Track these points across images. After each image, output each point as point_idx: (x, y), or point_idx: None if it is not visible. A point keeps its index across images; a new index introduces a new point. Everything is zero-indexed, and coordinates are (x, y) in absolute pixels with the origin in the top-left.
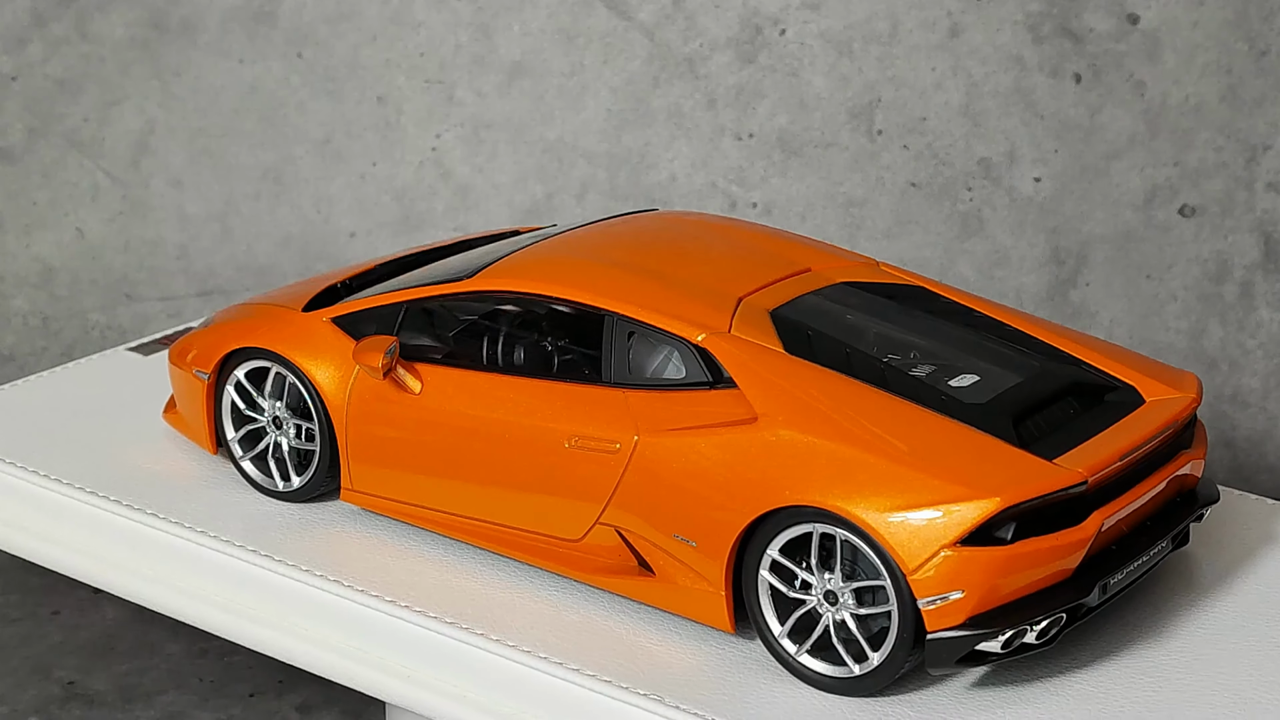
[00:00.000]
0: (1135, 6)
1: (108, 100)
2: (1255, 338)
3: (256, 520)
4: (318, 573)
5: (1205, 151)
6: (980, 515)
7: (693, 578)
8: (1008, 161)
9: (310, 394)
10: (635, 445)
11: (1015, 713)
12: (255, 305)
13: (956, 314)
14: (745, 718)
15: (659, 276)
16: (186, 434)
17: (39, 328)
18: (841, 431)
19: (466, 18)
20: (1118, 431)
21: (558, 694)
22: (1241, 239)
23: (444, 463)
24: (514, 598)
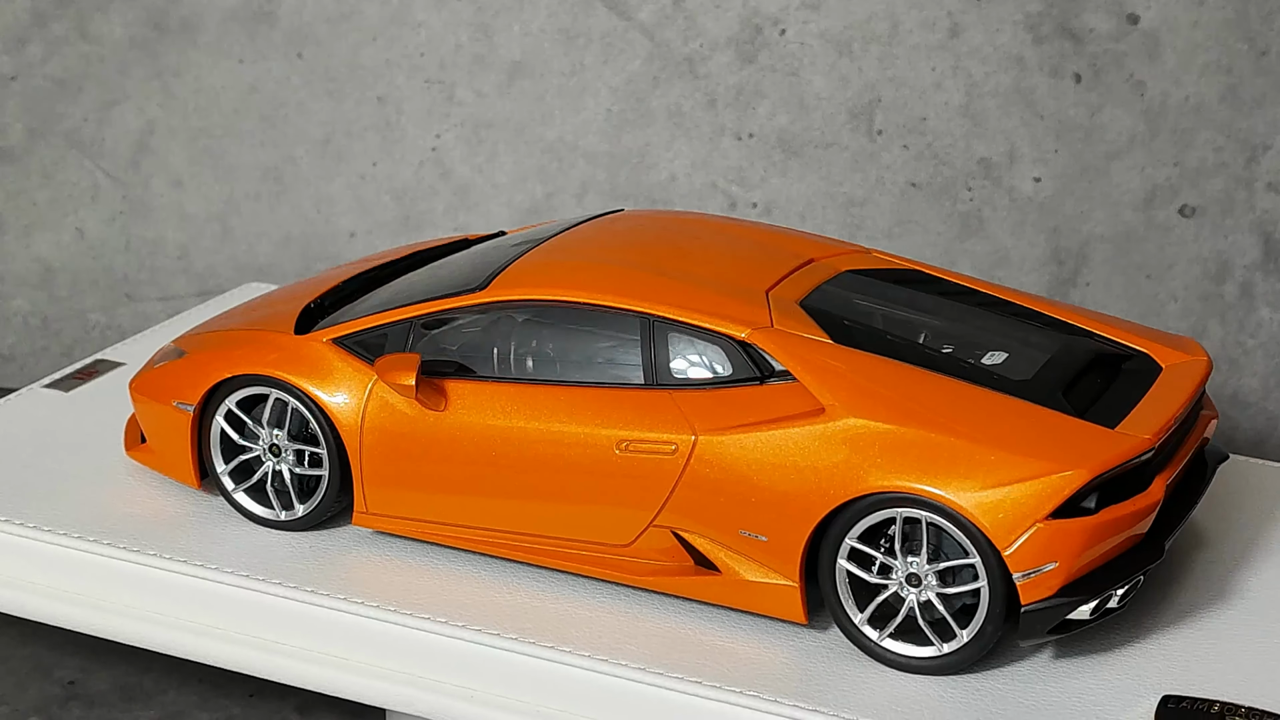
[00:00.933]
0: (1135, 6)
1: (108, 100)
2: (1255, 338)
3: (267, 552)
4: (360, 600)
5: (1205, 151)
6: (1070, 487)
7: (762, 572)
8: (1008, 161)
9: (317, 418)
10: (694, 445)
11: (1093, 674)
12: (232, 332)
13: (963, 295)
14: (845, 705)
15: (685, 276)
16: (161, 469)
17: (39, 328)
18: (912, 416)
19: (466, 18)
20: (1158, 397)
21: (650, 701)
22: (1241, 239)
23: (479, 478)
24: (569, 608)
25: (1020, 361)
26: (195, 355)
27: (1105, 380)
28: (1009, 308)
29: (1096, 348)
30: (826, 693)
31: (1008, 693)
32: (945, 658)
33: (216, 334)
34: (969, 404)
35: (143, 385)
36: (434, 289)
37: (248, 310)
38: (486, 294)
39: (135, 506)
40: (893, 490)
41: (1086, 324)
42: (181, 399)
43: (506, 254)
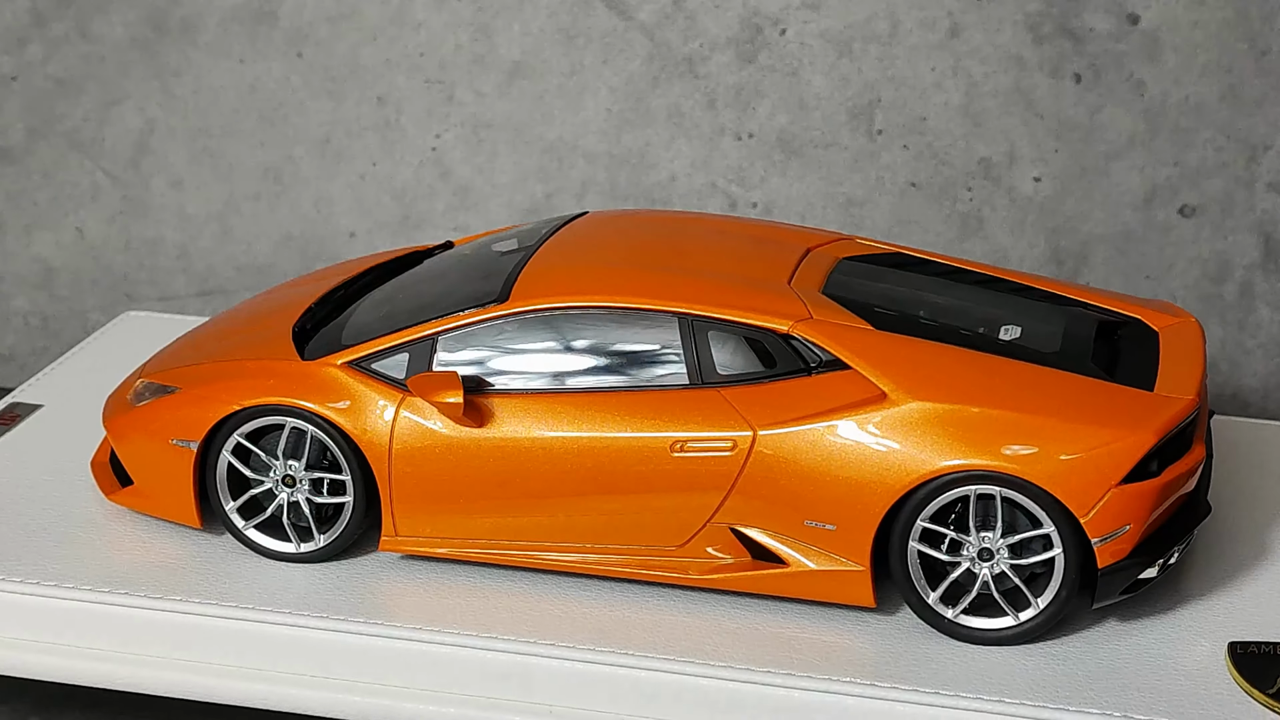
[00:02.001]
0: (1135, 6)
1: (108, 100)
2: (1255, 338)
3: (289, 585)
4: (418, 626)
5: (1205, 151)
6: (1140, 452)
7: (830, 560)
8: (1008, 161)
9: (340, 444)
10: (754, 441)
11: (1158, 629)
12: (230, 363)
13: (956, 274)
14: (938, 682)
15: (710, 274)
16: (155, 511)
17: (39, 328)
18: (972, 394)
19: (466, 18)
20: (1173, 359)
21: (748, 698)
22: (1241, 239)
23: (527, 492)
24: (629, 613)
25: (1038, 335)
26: (191, 390)
27: (1117, 347)
28: (1003, 284)
29: (1096, 317)
30: (917, 672)
31: (1083, 654)
32: (1022, 627)
33: (209, 366)
34: (1020, 379)
35: (127, 425)
36: (446, 303)
37: (217, 338)
38: (511, 304)
39: (133, 553)
40: (965, 469)
41: (1075, 295)
42: (181, 436)
43: (503, 262)
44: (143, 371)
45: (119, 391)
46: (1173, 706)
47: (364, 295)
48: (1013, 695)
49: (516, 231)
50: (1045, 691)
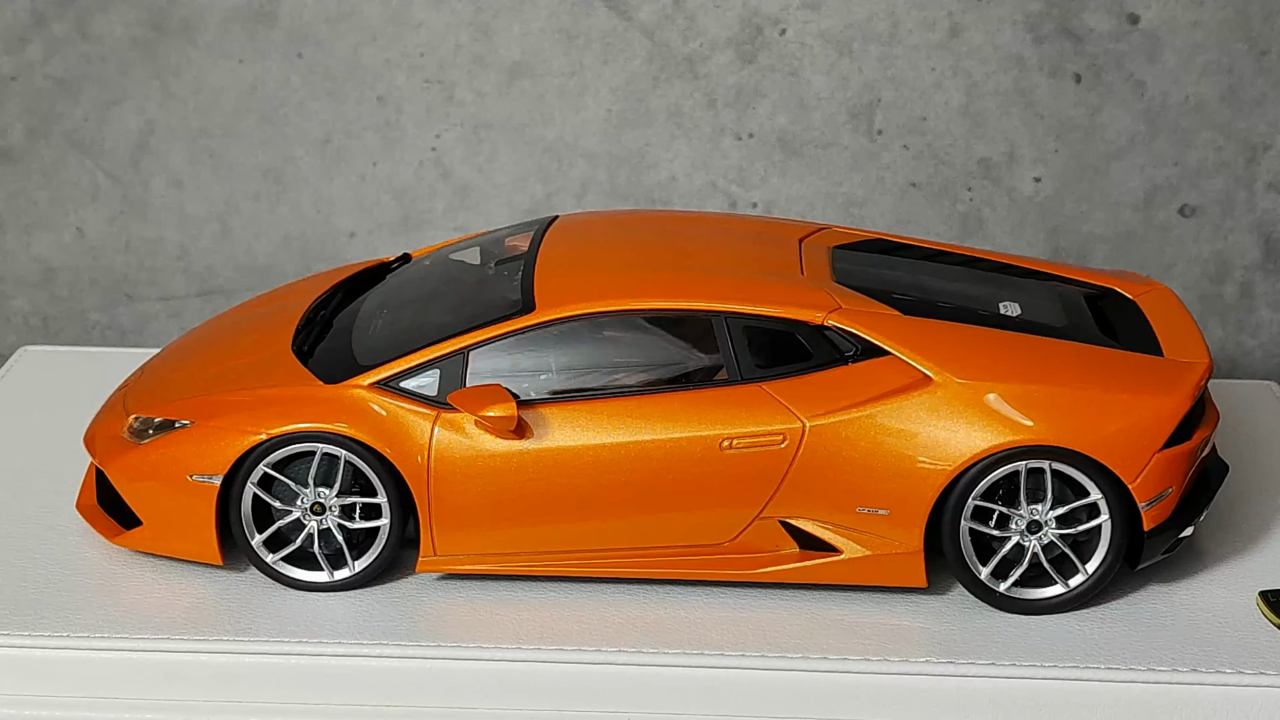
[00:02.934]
0: (1135, 6)
1: (108, 100)
2: (1255, 338)
3: (325, 615)
4: (478, 645)
5: (1205, 151)
6: (1177, 416)
7: (883, 544)
8: (1008, 161)
9: (375, 467)
10: (804, 433)
11: (1193, 584)
12: (246, 393)
13: (940, 257)
14: (1002, 654)
15: (729, 270)
16: (169, 551)
17: (39, 328)
18: (1012, 372)
19: (466, 18)
20: (1165, 324)
21: (836, 687)
22: (1241, 239)
23: (575, 500)
24: (688, 613)
25: (1039, 310)
26: (207, 423)
27: (1109, 317)
28: (984, 264)
29: (1080, 290)
30: (981, 645)
31: (1129, 614)
32: (1072, 593)
33: (221, 397)
34: (1049, 353)
35: (135, 464)
36: (464, 317)
37: (205, 367)
38: (541, 313)
39: (153, 596)
40: (1018, 445)
41: (1050, 270)
42: (201, 471)
43: (503, 272)
44: (133, 407)
45: (104, 430)
46: (1231, 656)
47: (348, 313)
48: (1073, 660)
49: (479, 241)
50: (1105, 653)
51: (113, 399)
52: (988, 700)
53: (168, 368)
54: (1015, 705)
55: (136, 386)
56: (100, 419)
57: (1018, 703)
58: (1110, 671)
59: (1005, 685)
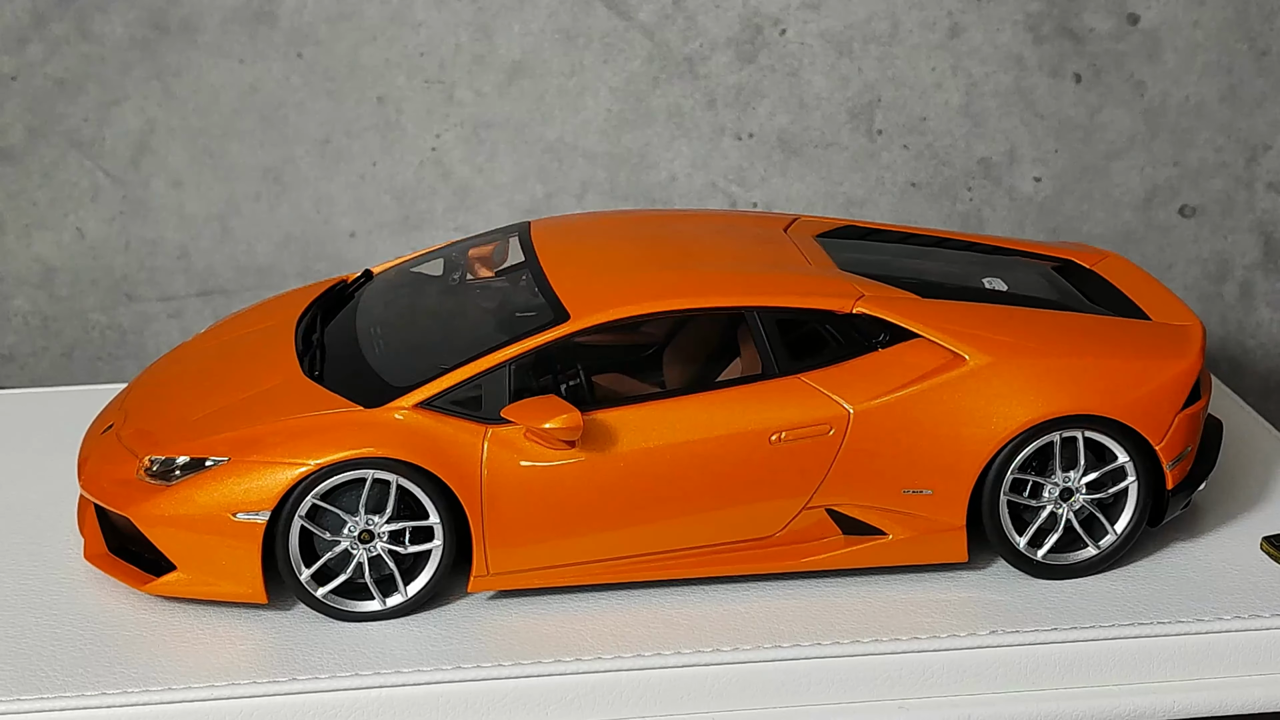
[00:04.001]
0: (1135, 6)
1: (108, 100)
2: (1255, 338)
3: (383, 644)
4: (558, 659)
5: (1205, 151)
6: (1192, 378)
7: (928, 523)
8: (1008, 161)
9: (428, 489)
10: (850, 420)
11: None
12: (280, 423)
13: (911, 239)
14: (1056, 619)
15: (746, 266)
16: (208, 594)
17: (39, 328)
18: (1039, 346)
19: (466, 18)
20: (1136, 289)
21: (912, 667)
22: (1241, 239)
23: (630, 505)
24: (748, 608)
25: (1024, 285)
26: (246, 458)
27: (1083, 287)
28: (953, 243)
29: (1046, 264)
30: (1030, 613)
31: (1153, 570)
32: (1103, 554)
33: (253, 430)
34: (1064, 326)
35: (166, 508)
36: (494, 330)
37: (207, 399)
38: (577, 321)
39: (202, 642)
40: (1053, 416)
41: (1009, 245)
42: (246, 508)
43: (511, 283)
44: (142, 448)
45: (108, 474)
46: (1258, 602)
47: (340, 334)
48: (1113, 619)
49: (443, 253)
50: (1141, 610)
51: (101, 442)
52: (1052, 664)
53: (162, 404)
54: (1076, 667)
55: (134, 426)
56: (96, 464)
57: (1077, 664)
58: (1151, 626)
59: (1068, 649)
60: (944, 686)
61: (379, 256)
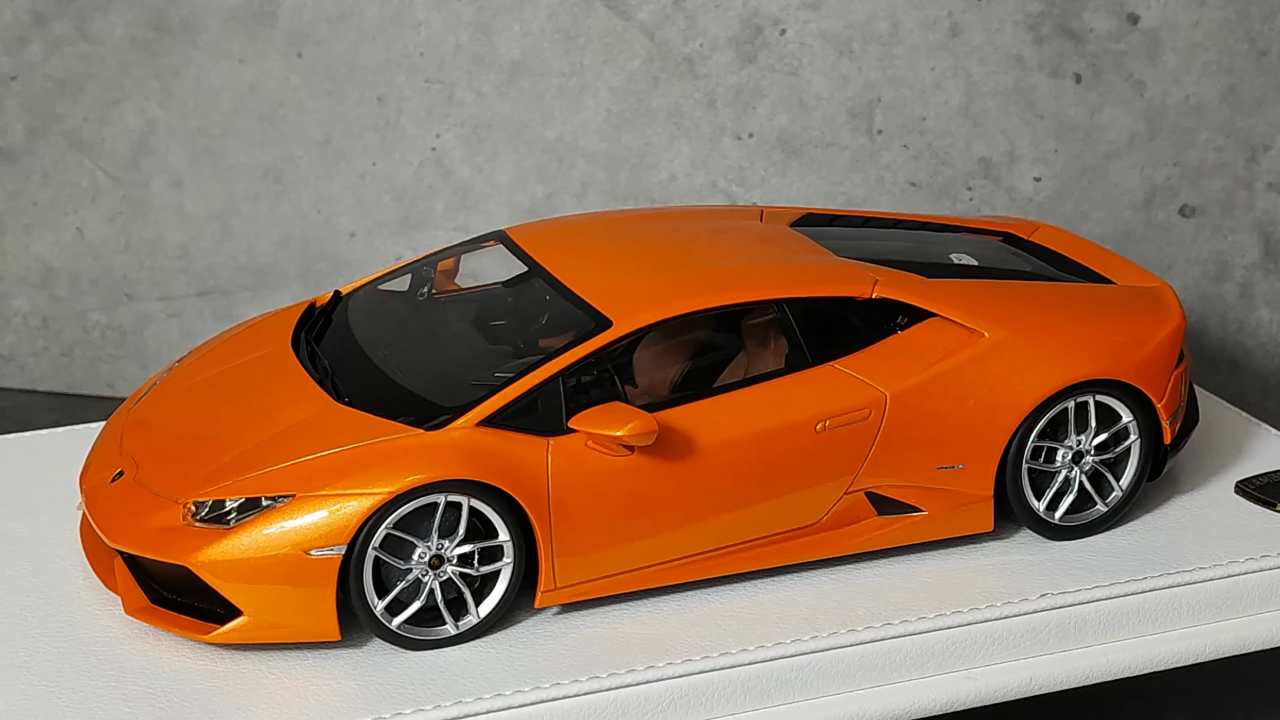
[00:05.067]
0: (1135, 6)
1: (108, 100)
2: (1255, 338)
3: (464, 668)
4: (641, 668)
5: (1205, 151)
6: (1180, 337)
7: (960, 497)
8: (1008, 161)
9: (497, 508)
10: (887, 403)
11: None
12: (336, 454)
13: (870, 222)
14: (1085, 579)
15: (759, 260)
16: (279, 637)
17: (39, 328)
18: (1046, 317)
19: (466, 18)
20: (1084, 256)
21: (973, 639)
22: (1241, 239)
23: (691, 504)
24: (832, 594)
25: (990, 258)
26: (313, 492)
27: (1038, 257)
28: (905, 223)
29: (995, 239)
30: (1068, 574)
31: (1151, 524)
32: (1110, 510)
33: (312, 463)
34: (1058, 296)
35: (230, 553)
36: (532, 341)
37: (237, 435)
38: (620, 327)
39: (287, 687)
40: (1072, 382)
41: (950, 222)
42: (319, 545)
43: (535, 292)
44: (178, 492)
45: (141, 524)
46: (1268, 542)
47: (346, 357)
48: (1144, 572)
49: (412, 268)
50: (1162, 560)
51: (116, 492)
52: (1099, 620)
53: (176, 445)
54: (1119, 620)
55: (153, 471)
56: (121, 515)
57: (1120, 618)
58: (1181, 574)
59: (1111, 605)
60: (1005, 652)
61: (379, 256)
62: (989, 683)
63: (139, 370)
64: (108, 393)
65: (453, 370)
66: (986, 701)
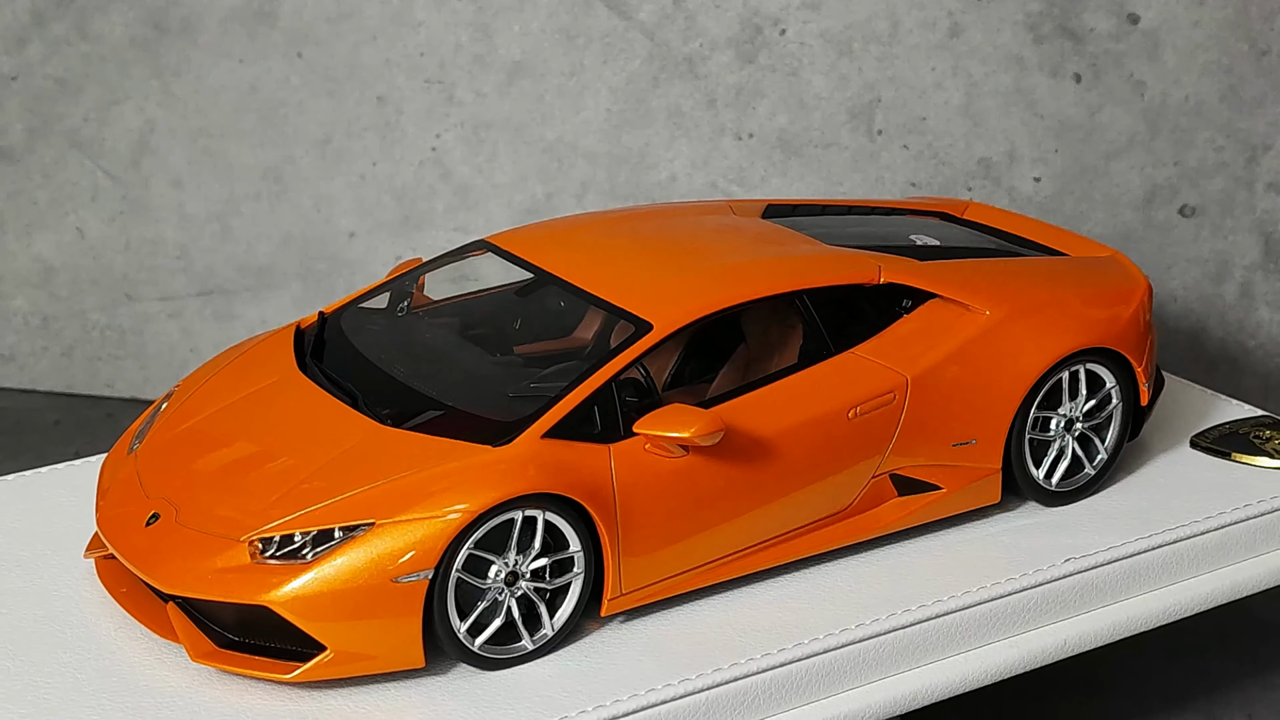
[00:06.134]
0: (1135, 6)
1: (108, 100)
2: (1255, 338)
3: (543, 685)
4: (752, 657)
5: (1205, 151)
6: (1149, 301)
7: (971, 472)
8: (1008, 161)
9: (570, 519)
10: (909, 386)
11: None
12: (409, 478)
13: (830, 209)
14: (1084, 547)
15: (766, 254)
16: (363, 669)
17: (39, 328)
18: (1036, 293)
19: (466, 18)
20: (1024, 230)
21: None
22: (1241, 239)
23: (737, 498)
24: (871, 577)
25: (949, 238)
26: (392, 517)
27: (991, 233)
28: (858, 209)
29: (933, 218)
30: (1080, 539)
31: (1130, 486)
32: (1098, 475)
33: (383, 488)
34: (1039, 271)
35: (313, 588)
36: (573, 349)
37: (288, 465)
38: (662, 329)
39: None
40: (1068, 353)
41: (893, 205)
42: (405, 571)
43: (550, 299)
44: (227, 529)
45: (203, 566)
46: (1244, 493)
47: (367, 379)
48: (1147, 530)
49: (390, 286)
50: (1155, 519)
51: (157, 536)
52: (1119, 579)
53: (215, 483)
54: (1136, 577)
55: (198, 511)
56: (173, 559)
57: (1136, 575)
58: (1176, 530)
59: (1129, 565)
60: (1039, 617)
61: (379, 256)
62: (1029, 647)
63: (139, 370)
64: (107, 393)
65: (488, 384)
66: (1030, 666)
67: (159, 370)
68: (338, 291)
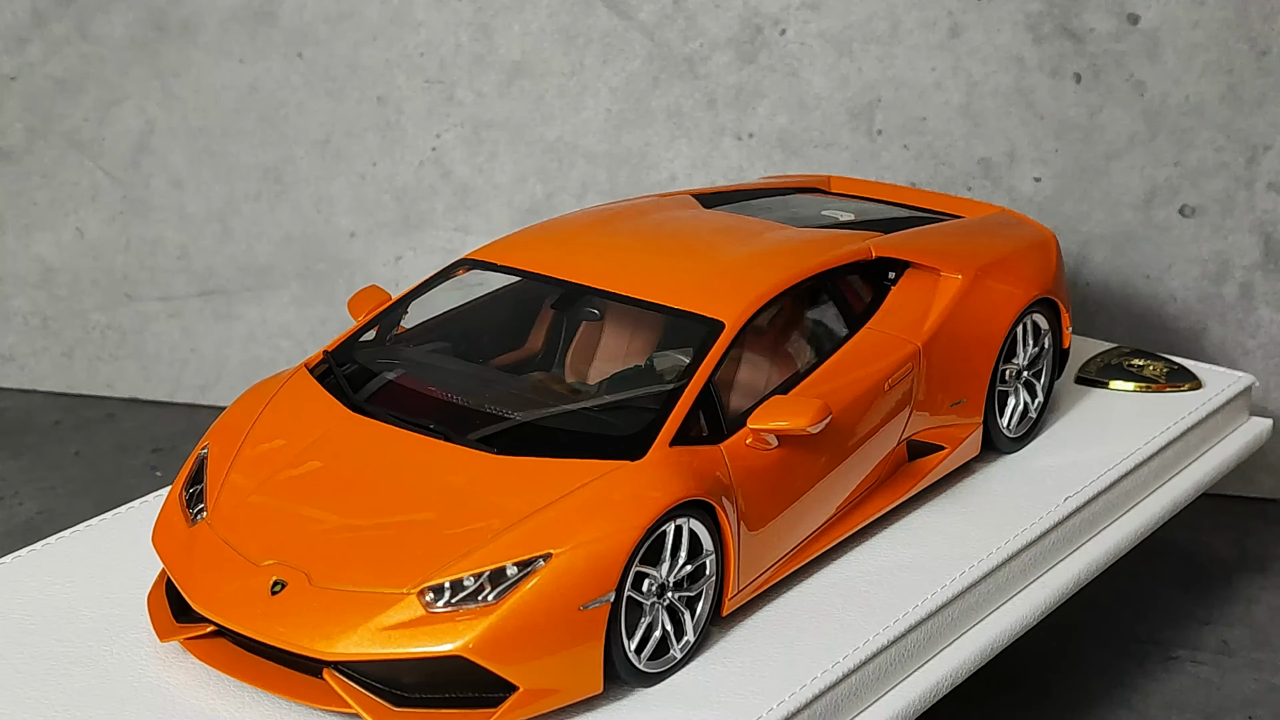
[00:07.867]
0: (1135, 6)
1: (108, 100)
2: (1255, 338)
3: (713, 693)
4: (851, 652)
5: (1205, 151)
6: (1059, 251)
7: (964, 429)
8: (1008, 161)
9: (706, 523)
10: (921, 354)
11: None
12: (561, 503)
13: (755, 194)
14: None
15: (765, 240)
16: (549, 705)
17: (39, 328)
18: (985, 253)
19: (466, 18)
20: (901, 197)
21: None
22: (1241, 239)
23: (813, 486)
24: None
25: (862, 212)
26: (567, 543)
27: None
28: (764, 192)
29: (810, 194)
30: (1061, 481)
31: (1068, 423)
32: (1038, 413)
33: (535, 521)
34: (971, 233)
35: (505, 628)
36: (645, 354)
37: (385, 514)
38: (733, 326)
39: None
40: (1024, 306)
41: (760, 187)
42: (590, 596)
43: (588, 307)
44: (391, 581)
45: (370, 626)
46: (1163, 418)
47: (440, 412)
48: (1104, 464)
49: (380, 319)
50: (1104, 452)
51: (300, 602)
52: (1104, 511)
53: (347, 540)
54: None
55: (331, 569)
56: (328, 626)
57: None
58: (1129, 460)
59: (1107, 498)
60: (1058, 553)
61: (379, 256)
62: (1056, 581)
63: (139, 370)
64: (107, 393)
65: (564, 400)
66: (1062, 599)
67: (159, 370)
68: (338, 291)
